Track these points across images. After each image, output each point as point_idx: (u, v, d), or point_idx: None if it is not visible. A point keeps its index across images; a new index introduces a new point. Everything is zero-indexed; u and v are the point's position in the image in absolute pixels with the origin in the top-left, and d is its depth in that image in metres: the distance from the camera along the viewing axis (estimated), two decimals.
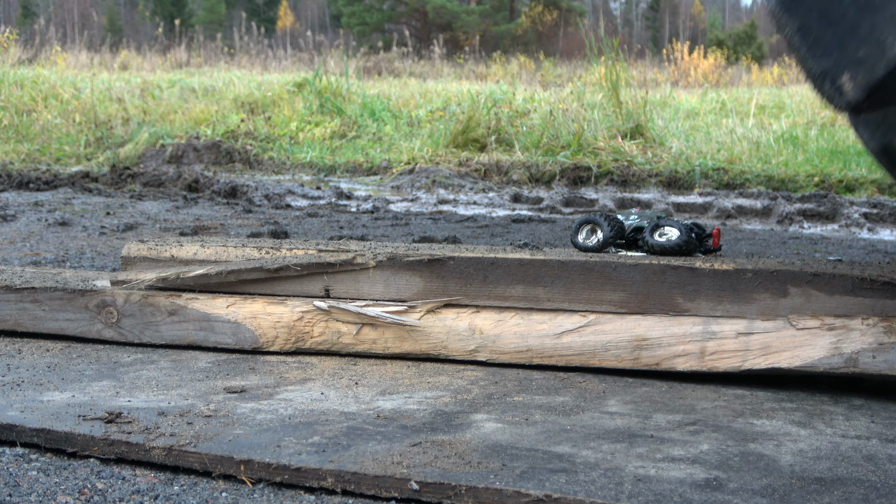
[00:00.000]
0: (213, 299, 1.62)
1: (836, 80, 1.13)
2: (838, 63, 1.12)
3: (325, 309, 1.56)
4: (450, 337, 1.52)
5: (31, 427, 1.20)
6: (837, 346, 1.34)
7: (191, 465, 1.11)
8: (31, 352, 1.64)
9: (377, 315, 1.53)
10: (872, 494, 0.99)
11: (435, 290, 1.53)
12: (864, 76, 1.09)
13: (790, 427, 1.22)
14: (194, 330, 1.63)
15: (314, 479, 1.05)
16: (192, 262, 1.66)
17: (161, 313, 1.64)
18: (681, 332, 1.42)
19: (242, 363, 1.56)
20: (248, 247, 1.66)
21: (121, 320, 1.67)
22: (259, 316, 1.59)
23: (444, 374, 1.48)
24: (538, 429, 1.21)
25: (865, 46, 1.08)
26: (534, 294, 1.49)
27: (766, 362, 1.38)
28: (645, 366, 1.43)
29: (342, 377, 1.47)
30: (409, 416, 1.26)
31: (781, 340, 1.37)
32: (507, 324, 1.50)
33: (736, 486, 1.01)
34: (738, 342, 1.39)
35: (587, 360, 1.46)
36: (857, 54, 1.10)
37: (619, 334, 1.45)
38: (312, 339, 1.58)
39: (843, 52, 1.10)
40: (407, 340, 1.54)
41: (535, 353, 1.49)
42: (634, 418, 1.26)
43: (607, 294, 1.46)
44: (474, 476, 1.03)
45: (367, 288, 1.57)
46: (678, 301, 1.43)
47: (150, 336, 1.65)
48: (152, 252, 1.69)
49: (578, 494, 0.98)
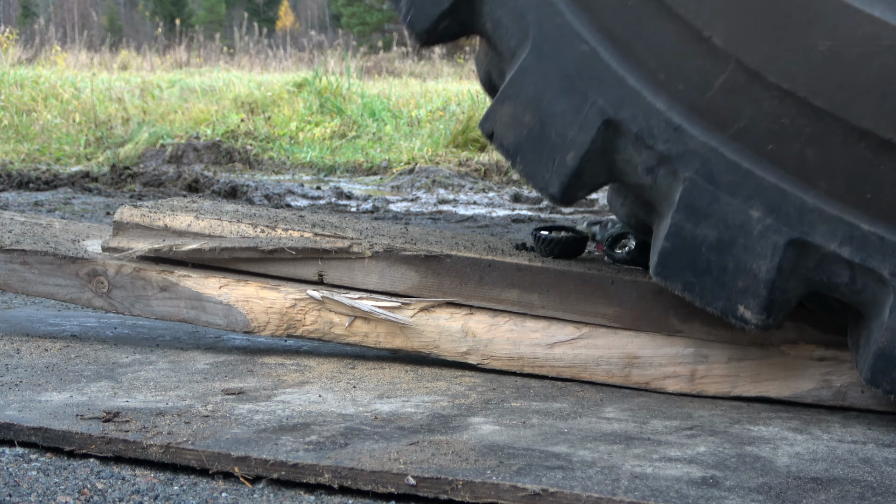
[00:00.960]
0: (205, 278, 1.61)
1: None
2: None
3: (319, 299, 1.56)
4: (442, 337, 1.52)
5: (28, 426, 1.20)
6: (827, 379, 1.35)
7: (188, 462, 1.12)
8: (30, 351, 1.64)
9: (370, 310, 1.53)
10: (868, 493, 1.00)
11: (430, 286, 1.53)
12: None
13: (787, 432, 1.22)
14: (185, 308, 1.62)
15: (311, 475, 1.06)
16: (185, 234, 1.64)
17: (152, 288, 1.63)
18: (672, 353, 1.42)
19: (240, 365, 1.57)
20: (242, 222, 1.65)
21: (111, 291, 1.65)
22: (252, 300, 1.59)
23: (441, 380, 1.49)
24: (535, 431, 1.21)
25: None
26: (528, 300, 1.49)
27: (756, 390, 1.39)
28: (635, 384, 1.44)
29: (340, 380, 1.48)
30: (407, 419, 1.26)
31: (772, 369, 1.38)
32: (501, 329, 1.50)
33: (732, 484, 1.01)
34: (728, 367, 1.40)
35: (578, 373, 1.47)
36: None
37: (611, 350, 1.45)
38: (304, 328, 1.57)
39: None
40: (399, 337, 1.54)
41: (526, 362, 1.49)
42: (632, 423, 1.26)
43: (602, 308, 1.46)
44: (471, 472, 1.04)
45: (362, 277, 1.57)
46: (672, 321, 1.43)
47: (141, 309, 1.64)
48: (145, 219, 1.66)
49: (575, 489, 0.99)
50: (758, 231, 1.18)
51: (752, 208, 1.18)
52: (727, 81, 1.17)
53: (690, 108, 1.19)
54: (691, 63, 1.18)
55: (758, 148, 1.17)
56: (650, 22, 1.20)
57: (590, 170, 1.27)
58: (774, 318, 1.21)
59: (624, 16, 1.21)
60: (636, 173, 1.25)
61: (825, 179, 1.16)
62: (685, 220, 1.21)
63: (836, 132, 1.13)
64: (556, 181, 1.28)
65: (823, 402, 1.35)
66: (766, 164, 1.17)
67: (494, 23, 1.32)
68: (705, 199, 1.19)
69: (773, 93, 1.14)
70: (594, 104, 1.23)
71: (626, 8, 1.21)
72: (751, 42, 1.14)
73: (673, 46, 1.18)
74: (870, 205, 1.14)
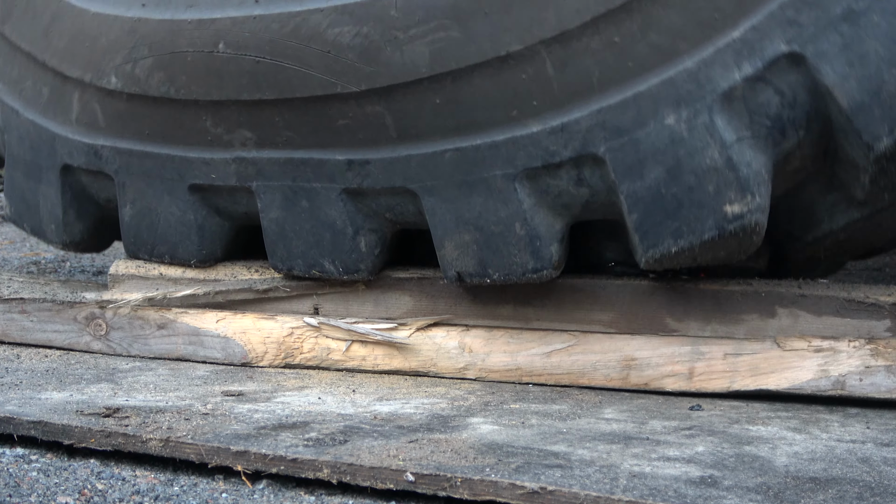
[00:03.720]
0: (202, 313, 1.63)
1: None
2: None
3: (315, 325, 1.57)
4: (439, 355, 1.53)
5: (28, 420, 1.21)
6: (825, 369, 1.35)
7: (187, 456, 1.12)
8: (30, 357, 1.65)
9: (367, 332, 1.54)
10: (867, 493, 1.00)
11: (424, 308, 1.55)
12: None
13: (785, 432, 1.23)
14: (183, 344, 1.63)
15: (310, 470, 1.06)
16: (180, 281, 1.67)
17: (150, 327, 1.65)
18: (669, 353, 1.43)
19: (240, 372, 1.57)
20: (237, 265, 1.67)
21: (109, 333, 1.68)
22: (249, 331, 1.60)
23: (440, 385, 1.49)
24: (534, 431, 1.21)
25: None
26: (523, 314, 1.50)
27: (755, 384, 1.39)
28: (634, 385, 1.44)
29: (339, 385, 1.48)
30: (406, 419, 1.27)
31: (769, 362, 1.38)
32: (497, 342, 1.50)
33: (731, 484, 1.02)
34: (726, 363, 1.40)
35: (576, 378, 1.47)
36: None
37: (608, 354, 1.45)
38: (302, 355, 1.58)
39: None
40: (396, 358, 1.54)
41: (524, 372, 1.49)
42: (630, 424, 1.26)
43: (596, 314, 1.47)
44: (470, 469, 1.04)
45: (357, 308, 1.58)
46: (667, 321, 1.44)
47: (139, 349, 1.66)
48: (140, 270, 1.70)
49: (573, 487, 0.99)
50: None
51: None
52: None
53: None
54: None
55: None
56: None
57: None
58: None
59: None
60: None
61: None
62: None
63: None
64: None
65: (822, 392, 1.35)
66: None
67: None
68: None
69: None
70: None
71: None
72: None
73: None
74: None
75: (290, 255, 1.55)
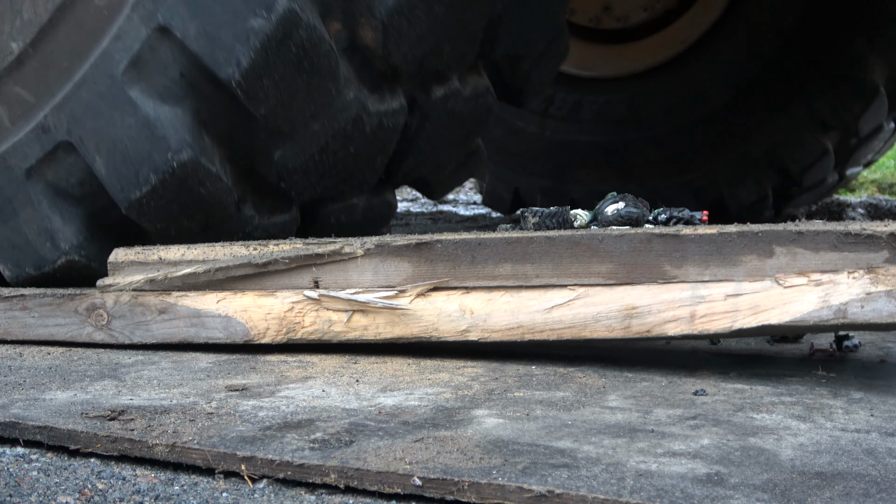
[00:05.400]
0: (202, 295, 1.63)
1: None
2: None
3: (316, 298, 1.56)
4: (441, 319, 1.53)
5: (33, 424, 1.20)
6: (826, 300, 1.35)
7: (194, 461, 1.12)
8: (33, 355, 1.65)
9: (368, 301, 1.54)
10: (873, 489, 1.00)
11: (424, 273, 1.54)
12: None
13: (790, 421, 1.23)
14: (185, 326, 1.63)
15: (317, 476, 1.06)
16: (179, 263, 1.66)
17: (151, 312, 1.65)
18: (670, 299, 1.44)
19: (243, 363, 1.57)
20: (235, 245, 1.66)
21: (111, 322, 1.67)
22: (249, 309, 1.60)
23: (444, 371, 1.49)
24: (539, 424, 1.21)
25: None
26: (522, 271, 1.51)
27: (756, 321, 1.40)
28: (636, 334, 1.45)
29: (343, 375, 1.48)
30: (411, 413, 1.27)
31: (770, 299, 1.39)
32: (498, 302, 1.51)
33: (737, 481, 1.02)
34: (727, 304, 1.41)
35: (578, 332, 1.48)
36: None
37: (609, 305, 1.46)
38: (304, 329, 1.58)
39: None
40: (398, 325, 1.55)
41: (526, 329, 1.50)
42: (635, 413, 1.26)
43: (595, 266, 1.48)
44: (476, 472, 1.04)
45: (356, 277, 1.58)
46: (666, 269, 1.45)
47: (142, 336, 1.66)
48: (140, 256, 1.70)
49: (581, 490, 0.99)
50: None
51: None
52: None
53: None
54: None
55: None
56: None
57: None
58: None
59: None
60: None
61: None
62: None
63: None
64: None
65: (825, 321, 1.35)
66: None
67: None
68: None
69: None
70: None
71: None
72: None
73: None
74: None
75: None
